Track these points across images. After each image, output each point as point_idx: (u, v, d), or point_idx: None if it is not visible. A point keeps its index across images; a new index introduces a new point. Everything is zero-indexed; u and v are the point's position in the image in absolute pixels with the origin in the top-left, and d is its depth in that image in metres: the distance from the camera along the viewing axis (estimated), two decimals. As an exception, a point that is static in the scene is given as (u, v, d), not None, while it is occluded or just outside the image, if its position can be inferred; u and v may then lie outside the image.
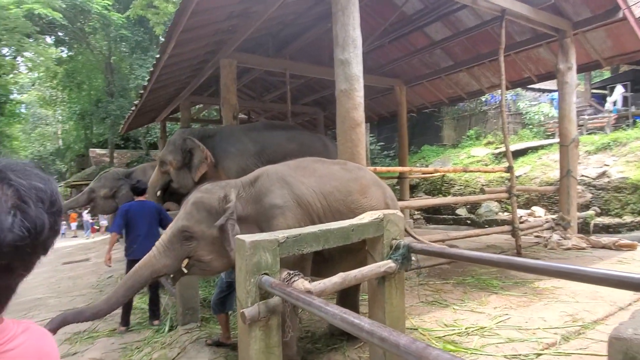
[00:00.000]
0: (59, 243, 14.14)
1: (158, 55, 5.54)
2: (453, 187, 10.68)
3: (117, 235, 4.11)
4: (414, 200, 8.41)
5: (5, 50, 21.16)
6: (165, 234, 2.40)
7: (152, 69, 6.10)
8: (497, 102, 12.86)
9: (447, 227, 9.56)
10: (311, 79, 9.04)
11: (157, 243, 2.38)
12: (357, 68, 3.91)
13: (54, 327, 1.89)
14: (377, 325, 1.11)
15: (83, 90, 24.16)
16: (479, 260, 1.80)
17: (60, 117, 36.61)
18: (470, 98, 9.89)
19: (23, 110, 34.76)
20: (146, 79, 6.70)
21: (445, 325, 3.15)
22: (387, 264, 2.22)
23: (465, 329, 3.04)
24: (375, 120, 11.75)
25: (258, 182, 2.55)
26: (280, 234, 1.97)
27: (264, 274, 1.88)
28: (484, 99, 13.11)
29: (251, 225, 2.43)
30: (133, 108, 8.88)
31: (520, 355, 2.55)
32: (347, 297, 3.14)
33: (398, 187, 9.28)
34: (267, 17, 5.07)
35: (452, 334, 2.94)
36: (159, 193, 4.80)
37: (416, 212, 10.36)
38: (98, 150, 25.39)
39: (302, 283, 1.82)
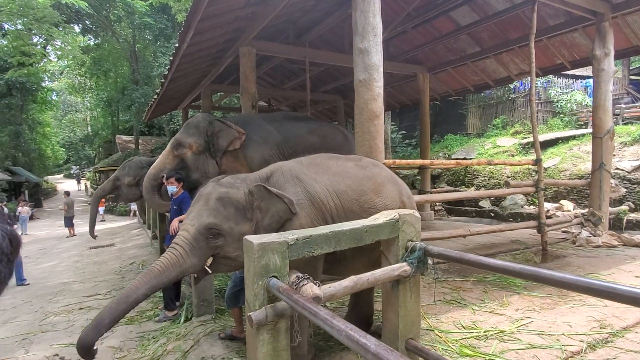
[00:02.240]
0: (87, 227, 14.68)
1: (177, 44, 5.50)
2: (477, 178, 10.36)
3: None
4: (435, 193, 8.19)
5: (35, 39, 21.77)
6: (187, 232, 2.22)
7: (172, 58, 6.10)
8: (527, 90, 12.31)
9: (469, 219, 9.31)
10: (331, 67, 8.86)
11: (178, 241, 2.19)
12: (376, 57, 3.76)
13: (87, 353, 1.87)
14: (385, 348, 1.03)
15: (109, 77, 24.75)
16: (501, 270, 1.68)
17: (88, 104, 37.78)
18: (497, 85, 9.47)
19: (54, 98, 36.01)
20: (167, 67, 6.69)
21: (463, 327, 3.04)
22: (402, 267, 2.13)
23: (484, 332, 2.93)
24: (397, 108, 11.46)
25: (272, 178, 2.48)
26: (290, 236, 1.90)
27: (273, 276, 1.83)
28: (512, 86, 12.56)
29: None
30: (155, 96, 8.97)
31: (542, 363, 2.43)
32: (361, 294, 3.07)
33: (419, 177, 9.07)
34: (286, 3, 4.93)
35: (469, 337, 2.83)
36: (164, 177, 4.55)
37: (437, 204, 10.12)
38: (124, 137, 26.07)
39: (310, 288, 1.75)
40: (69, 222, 12.46)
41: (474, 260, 1.80)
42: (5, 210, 11.98)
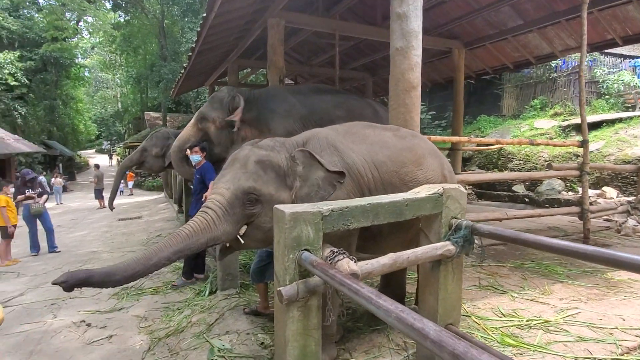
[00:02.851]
0: (117, 200, 15.11)
1: (205, 15, 5.33)
2: (511, 161, 9.86)
3: None
4: (469, 173, 7.82)
5: (68, 15, 22.15)
6: (221, 195, 2.01)
7: (199, 29, 5.94)
8: (569, 69, 11.51)
9: (501, 204, 8.91)
10: (361, 42, 8.51)
11: (211, 205, 1.98)
12: (415, 23, 3.47)
13: (71, 282, 1.62)
14: (448, 335, 0.85)
15: (139, 54, 25.03)
16: (567, 252, 1.45)
17: (118, 81, 38.55)
18: (539, 63, 8.83)
19: (86, 74, 36.93)
20: (195, 41, 6.56)
21: (502, 314, 2.84)
22: (445, 246, 1.94)
23: (527, 321, 2.71)
24: (428, 87, 10.96)
25: (308, 145, 2.28)
26: (324, 206, 1.73)
27: (305, 249, 1.67)
28: (553, 65, 11.77)
29: None
30: (182, 71, 8.90)
31: (595, 358, 2.20)
32: (394, 273, 2.90)
33: (449, 158, 8.69)
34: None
35: (511, 326, 2.63)
36: (187, 150, 4.53)
37: (467, 187, 9.73)
38: (152, 114, 26.45)
39: (347, 264, 1.59)
40: (98, 195, 12.81)
41: (533, 241, 1.58)
42: (42, 178, 12.47)
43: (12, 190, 5.88)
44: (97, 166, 15.52)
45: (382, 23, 7.05)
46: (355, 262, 1.66)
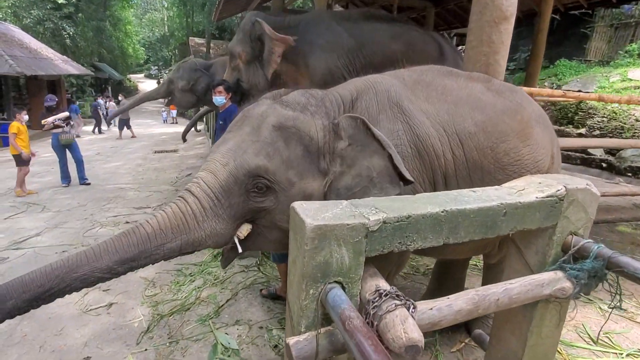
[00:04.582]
0: (158, 129, 15.14)
1: None
2: (592, 117, 8.37)
3: None
4: (564, 139, 6.53)
5: None
6: (212, 174, 1.31)
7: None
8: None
9: (570, 166, 7.72)
10: (426, -39, 7.05)
11: (193, 189, 1.30)
12: None
13: None
14: None
15: (185, -28, 23.67)
16: None
17: (165, 3, 37.43)
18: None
19: (133, -6, 36.12)
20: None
21: (591, 338, 2.16)
22: (558, 282, 1.23)
23: (628, 354, 2.03)
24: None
25: (361, 102, 1.51)
26: (372, 214, 1.05)
27: (335, 282, 1.04)
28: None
29: None
30: (224, -8, 7.95)
31: None
32: (450, 274, 2.26)
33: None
34: None
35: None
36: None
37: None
38: (197, 39, 25.60)
39: (402, 322, 0.94)
40: (122, 125, 12.51)
41: None
42: (74, 107, 12.53)
43: (26, 117, 5.61)
44: (124, 96, 15.64)
45: None
46: (414, 309, 1.01)
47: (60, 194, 5.48)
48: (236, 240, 1.35)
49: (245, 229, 1.35)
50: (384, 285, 1.06)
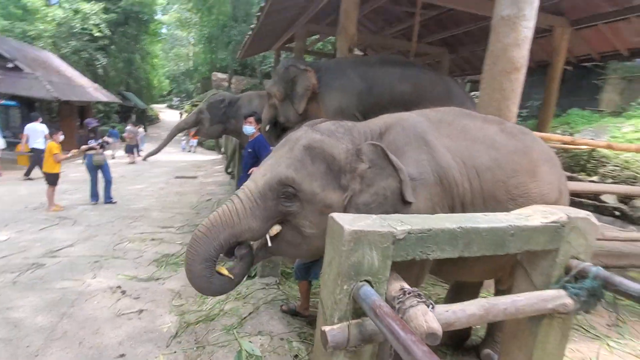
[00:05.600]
0: (178, 156, 15.69)
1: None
2: (604, 166, 8.49)
3: None
4: (575, 182, 6.65)
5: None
6: (254, 182, 1.67)
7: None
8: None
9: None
10: (442, 13, 7.54)
11: (240, 193, 1.66)
12: (533, -15, 2.73)
13: None
14: None
15: (212, 14, 25.24)
16: None
17: (192, 40, 39.66)
18: (665, 52, 7.35)
19: (164, 31, 38.40)
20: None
21: (600, 373, 2.23)
22: (560, 299, 1.38)
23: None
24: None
25: (389, 135, 1.77)
26: (399, 225, 1.25)
27: (365, 280, 1.22)
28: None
29: None
30: (250, 33, 8.59)
31: None
32: (462, 293, 2.38)
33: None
34: None
35: (615, 394, 2.03)
36: (267, 128, 4.43)
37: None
38: (219, 74, 26.94)
39: (423, 315, 1.11)
40: (129, 150, 12.99)
41: None
42: (112, 131, 13.15)
43: (62, 137, 6.02)
44: (134, 124, 16.30)
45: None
46: (432, 308, 1.18)
47: (89, 210, 5.78)
48: (267, 237, 1.66)
49: (275, 229, 1.67)
50: (407, 286, 1.24)
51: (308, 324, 2.56)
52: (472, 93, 9.74)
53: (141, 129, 16.68)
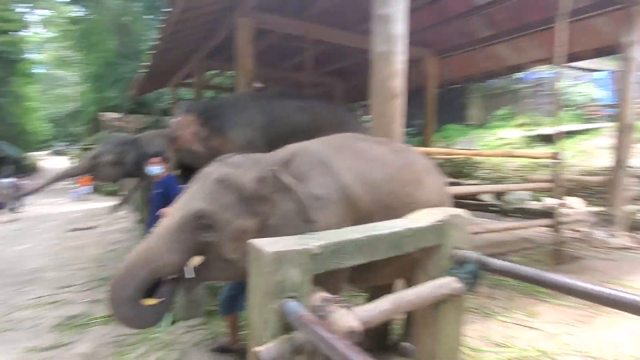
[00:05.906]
0: (70, 207, 14.01)
1: (169, 10, 4.90)
2: (477, 170, 9.98)
3: None
4: (456, 186, 7.67)
5: (19, 8, 20.55)
6: (171, 218, 1.76)
7: (161, 25, 5.48)
8: (534, 81, 11.87)
9: (469, 212, 8.93)
10: (331, 46, 8.28)
11: (157, 230, 1.75)
12: (400, 26, 3.26)
13: None
14: None
15: (97, 51, 23.54)
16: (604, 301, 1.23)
17: (75, 79, 36.24)
18: (508, 73, 9.02)
19: (40, 71, 34.48)
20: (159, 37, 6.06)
21: (495, 344, 2.64)
22: (451, 284, 1.67)
23: (520, 350, 2.53)
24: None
25: (294, 163, 1.95)
26: (313, 241, 1.42)
27: (290, 296, 1.35)
28: (518, 77, 12.10)
29: None
30: (144, 70, 8.30)
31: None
32: (379, 295, 2.62)
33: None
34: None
35: (506, 359, 2.42)
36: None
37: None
38: (110, 114, 24.96)
39: (343, 317, 1.28)
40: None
41: (563, 284, 1.35)
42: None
43: None
44: (12, 175, 14.77)
45: (357, 27, 6.87)
46: (351, 310, 1.36)
47: (-39, 282, 4.84)
48: (184, 269, 1.73)
49: (196, 261, 1.76)
50: (327, 295, 1.40)
51: (239, 357, 2.55)
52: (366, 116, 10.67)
53: (27, 181, 14.67)
